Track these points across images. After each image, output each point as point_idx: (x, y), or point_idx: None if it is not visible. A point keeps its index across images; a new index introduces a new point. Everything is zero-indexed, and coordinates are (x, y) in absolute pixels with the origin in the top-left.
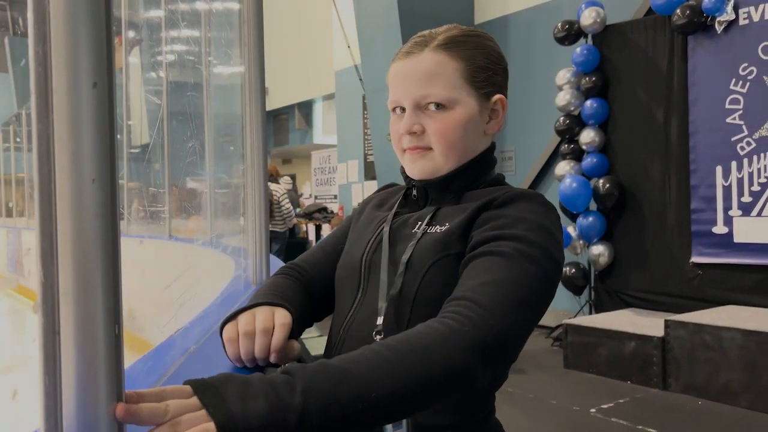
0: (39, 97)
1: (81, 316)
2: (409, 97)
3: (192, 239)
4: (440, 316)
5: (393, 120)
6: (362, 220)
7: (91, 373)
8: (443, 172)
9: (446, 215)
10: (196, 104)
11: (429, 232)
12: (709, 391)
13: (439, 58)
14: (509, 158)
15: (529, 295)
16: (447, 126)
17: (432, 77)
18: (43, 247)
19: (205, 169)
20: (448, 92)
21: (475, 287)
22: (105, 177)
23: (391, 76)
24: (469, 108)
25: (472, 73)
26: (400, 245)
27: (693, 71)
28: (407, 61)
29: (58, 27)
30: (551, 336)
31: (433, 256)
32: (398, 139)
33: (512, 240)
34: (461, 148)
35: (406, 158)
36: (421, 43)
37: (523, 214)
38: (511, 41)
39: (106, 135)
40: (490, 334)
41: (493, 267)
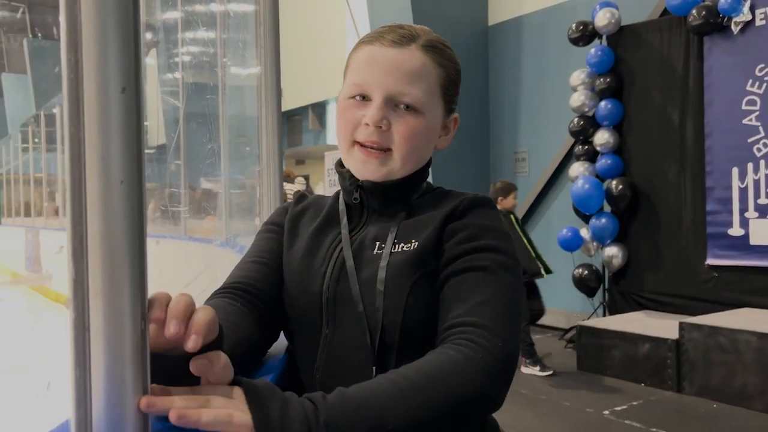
0: (71, 102)
1: (109, 312)
2: (385, 88)
3: (208, 239)
4: (451, 342)
5: (348, 105)
6: (299, 243)
7: (118, 366)
8: (395, 177)
9: (408, 231)
10: (211, 105)
11: (396, 251)
12: (724, 394)
13: (425, 60)
14: (522, 159)
15: (516, 304)
16: (414, 130)
17: (416, 77)
18: (74, 246)
19: (220, 169)
20: (426, 97)
21: (473, 310)
22: (133, 179)
23: (365, 59)
24: (436, 118)
25: (447, 84)
26: (365, 270)
27: (709, 72)
28: (392, 50)
29: (89, 35)
30: (564, 338)
31: (410, 276)
32: (352, 129)
33: (487, 251)
34: (418, 156)
35: (355, 155)
36: (407, 37)
37: (485, 222)
38: (525, 42)
39: (134, 138)
40: (500, 355)
41: (480, 285)
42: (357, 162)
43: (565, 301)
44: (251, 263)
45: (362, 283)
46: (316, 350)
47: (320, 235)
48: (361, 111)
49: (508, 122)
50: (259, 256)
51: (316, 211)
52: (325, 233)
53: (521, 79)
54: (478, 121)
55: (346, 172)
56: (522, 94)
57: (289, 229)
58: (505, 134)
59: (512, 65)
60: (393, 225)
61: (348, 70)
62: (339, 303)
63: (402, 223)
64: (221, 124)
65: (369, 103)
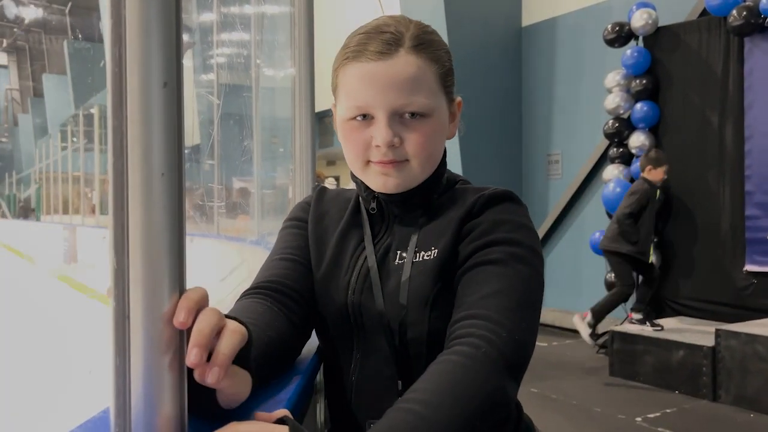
0: (114, 96)
1: (149, 302)
2: (387, 105)
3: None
4: (452, 343)
5: (351, 128)
6: (324, 248)
7: (157, 356)
8: (417, 184)
9: (428, 237)
10: (245, 106)
11: (418, 260)
12: (761, 403)
13: (419, 62)
14: (556, 161)
15: (529, 295)
16: (428, 136)
17: (415, 84)
18: (116, 236)
19: (253, 169)
20: (430, 100)
21: (477, 302)
22: (173, 171)
23: (356, 78)
24: (443, 113)
25: (444, 75)
26: (389, 282)
27: (749, 74)
28: (382, 63)
29: (133, 31)
30: (597, 343)
31: (432, 287)
32: (363, 150)
33: (499, 244)
34: (436, 157)
35: (372, 171)
36: (392, 42)
37: (501, 216)
38: (559, 43)
39: (174, 132)
40: (506, 346)
41: (488, 277)
42: (376, 176)
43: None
44: (278, 260)
45: (386, 295)
46: (350, 357)
47: (344, 240)
48: (367, 131)
49: (541, 124)
50: (286, 253)
51: (339, 210)
52: (348, 238)
53: (555, 80)
54: (511, 122)
55: (361, 183)
56: (555, 96)
57: (313, 230)
58: (538, 136)
59: (546, 66)
60: (414, 231)
61: (339, 90)
62: (365, 314)
63: (423, 229)
64: (255, 125)
65: (372, 121)
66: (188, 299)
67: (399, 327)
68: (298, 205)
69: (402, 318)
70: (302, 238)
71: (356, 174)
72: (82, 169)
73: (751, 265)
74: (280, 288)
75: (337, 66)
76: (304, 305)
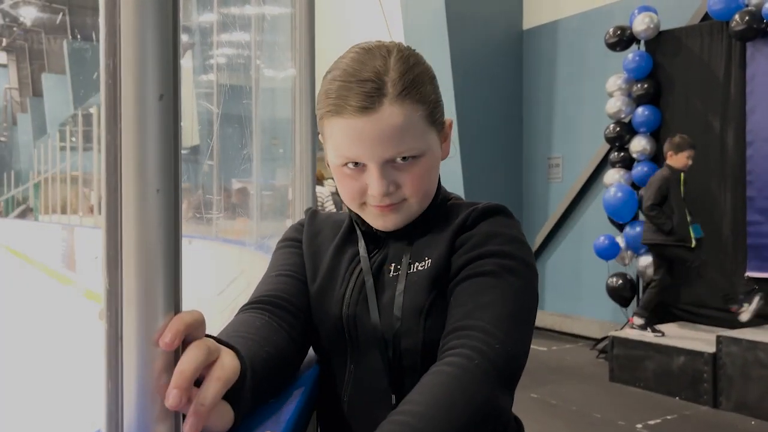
0: (108, 108)
1: (143, 323)
2: (377, 158)
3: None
4: (445, 354)
5: (344, 173)
6: (319, 265)
7: (150, 379)
8: (416, 217)
9: (422, 248)
10: (245, 108)
11: (412, 272)
12: (762, 410)
13: (404, 111)
14: (556, 165)
15: (521, 307)
16: (422, 176)
17: (403, 133)
18: (109, 255)
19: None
20: (420, 143)
21: (469, 313)
22: (169, 187)
23: (342, 134)
24: (435, 148)
25: (432, 113)
26: (385, 294)
27: (751, 79)
28: (365, 119)
29: (128, 41)
30: (596, 348)
31: (426, 296)
32: (359, 195)
33: (491, 256)
34: (433, 190)
35: (370, 212)
36: (374, 93)
37: (493, 229)
38: (560, 47)
39: (170, 146)
40: (499, 358)
41: (480, 289)
42: (375, 217)
43: (597, 311)
44: (275, 276)
45: (381, 308)
46: (344, 370)
47: (338, 254)
48: (361, 178)
49: (542, 128)
50: (283, 270)
51: (332, 230)
52: (342, 253)
53: (556, 84)
54: (511, 126)
55: (356, 215)
56: (556, 100)
57: (307, 247)
58: (538, 140)
59: (547, 70)
60: (408, 244)
61: (326, 139)
62: (359, 327)
63: (416, 242)
64: (254, 126)
65: (364, 168)
66: (180, 320)
67: (393, 338)
68: (291, 227)
69: (396, 329)
70: (298, 255)
71: (353, 211)
72: (81, 169)
73: (753, 271)
74: (278, 302)
75: (321, 116)
76: (302, 320)
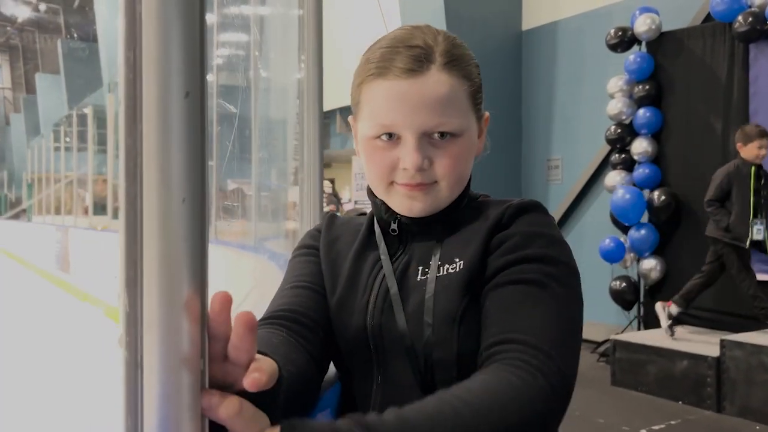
0: (128, 107)
1: (166, 349)
2: (417, 127)
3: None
4: (502, 363)
5: (375, 147)
6: (339, 273)
7: (174, 412)
8: (444, 206)
9: (452, 249)
10: (243, 107)
11: (442, 275)
12: (767, 415)
13: (451, 81)
14: (556, 167)
15: (572, 322)
16: (458, 158)
17: (446, 104)
18: (128, 274)
19: (251, 171)
20: (462, 120)
21: (522, 327)
22: (196, 196)
23: (383, 97)
24: (472, 132)
25: (475, 94)
26: (411, 300)
27: (755, 80)
28: (412, 81)
29: (150, 31)
30: (597, 351)
31: (459, 302)
32: (388, 172)
33: (534, 262)
34: (465, 178)
35: (397, 193)
36: (422, 58)
37: (533, 229)
38: (560, 48)
39: (198, 150)
40: (556, 379)
41: (525, 299)
42: (401, 199)
43: (598, 313)
44: (291, 289)
45: (409, 315)
46: (371, 386)
47: (358, 261)
48: (393, 152)
49: (542, 129)
50: (298, 281)
51: (351, 234)
52: (363, 259)
53: (556, 85)
54: (510, 127)
55: (380, 203)
56: (556, 101)
57: (325, 255)
58: (538, 141)
59: (546, 71)
60: (436, 245)
61: (362, 106)
62: (386, 337)
63: (445, 241)
64: (253, 126)
65: (398, 141)
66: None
67: (424, 348)
68: (307, 233)
69: (427, 338)
70: (315, 264)
71: (378, 194)
72: (75, 170)
73: (757, 274)
74: (295, 317)
75: (360, 81)
76: (322, 335)
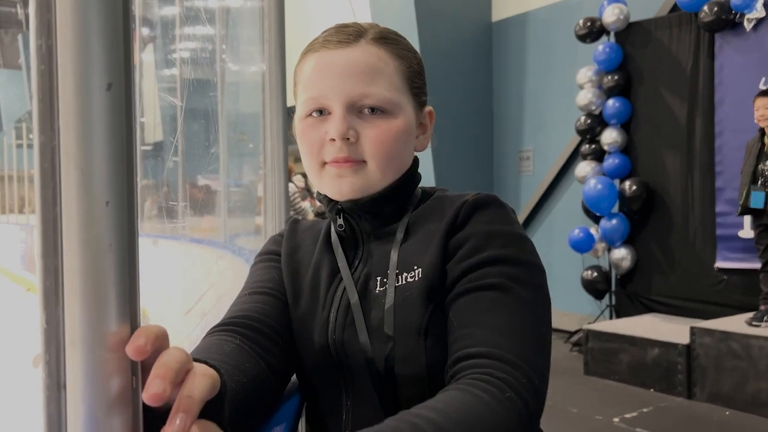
0: (42, 102)
1: (92, 367)
2: (344, 95)
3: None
4: (470, 379)
5: (308, 125)
6: (301, 286)
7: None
8: (376, 189)
9: (409, 255)
10: (211, 102)
11: (401, 285)
12: (736, 401)
13: (381, 54)
14: (527, 158)
15: (539, 325)
16: (387, 134)
17: (373, 74)
18: (46, 286)
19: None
20: (391, 94)
21: (489, 340)
22: (122, 199)
23: (313, 68)
24: (409, 116)
25: (411, 76)
26: (373, 313)
27: (720, 70)
28: (339, 52)
29: (65, 16)
30: (570, 341)
31: (422, 313)
32: (318, 150)
33: (495, 264)
34: (398, 163)
35: (328, 174)
36: (354, 33)
37: (490, 227)
38: (530, 39)
39: (122, 147)
40: (528, 392)
41: (490, 308)
42: (331, 178)
43: (571, 303)
44: (250, 295)
45: (372, 329)
46: (340, 405)
47: (318, 271)
48: (322, 127)
49: (513, 121)
50: (258, 287)
51: (312, 242)
52: (321, 267)
53: (526, 76)
54: (481, 119)
55: (323, 197)
56: (527, 92)
57: (286, 265)
58: (509, 133)
59: (516, 62)
60: (392, 250)
61: (297, 87)
62: (350, 354)
63: (402, 247)
64: (220, 121)
65: (329, 117)
66: (147, 329)
67: (385, 363)
68: (271, 238)
69: (388, 353)
70: (276, 270)
71: (313, 180)
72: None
73: (723, 262)
74: (251, 324)
75: (297, 63)
76: (281, 344)
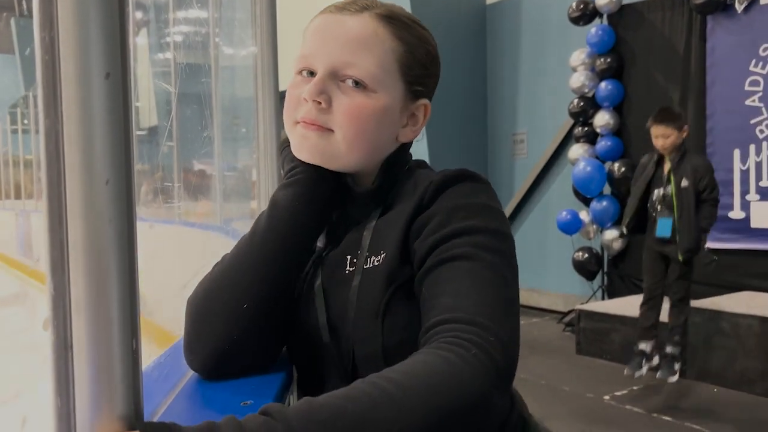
0: (46, 89)
1: (95, 329)
2: (327, 59)
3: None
4: (437, 342)
5: (295, 82)
6: None
7: (107, 391)
8: (343, 163)
9: (378, 238)
10: (204, 86)
11: (369, 267)
12: (725, 378)
13: (377, 29)
14: (521, 141)
15: (506, 288)
16: (361, 109)
17: (362, 45)
18: (53, 256)
19: (213, 151)
20: (376, 69)
21: (455, 305)
22: (120, 178)
23: (311, 29)
24: (392, 99)
25: (408, 62)
26: (339, 294)
27: (711, 52)
28: (337, 16)
29: (67, 9)
30: (563, 321)
31: (381, 296)
32: (294, 106)
33: (459, 236)
34: (369, 142)
35: (296, 131)
36: (361, 5)
37: (456, 201)
38: (523, 21)
39: (120, 131)
40: (497, 351)
41: (457, 276)
42: (297, 137)
43: (564, 285)
44: None
45: (337, 311)
46: (318, 383)
47: None
48: (304, 86)
49: (506, 104)
50: None
51: None
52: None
53: (519, 59)
54: (475, 102)
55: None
56: (520, 75)
57: None
58: (503, 116)
59: (510, 45)
60: (366, 231)
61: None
62: (314, 334)
63: (376, 225)
64: (214, 105)
65: (314, 78)
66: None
67: (344, 344)
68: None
69: (348, 334)
70: None
71: (289, 136)
72: (35, 153)
73: (713, 242)
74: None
75: (303, 35)
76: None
